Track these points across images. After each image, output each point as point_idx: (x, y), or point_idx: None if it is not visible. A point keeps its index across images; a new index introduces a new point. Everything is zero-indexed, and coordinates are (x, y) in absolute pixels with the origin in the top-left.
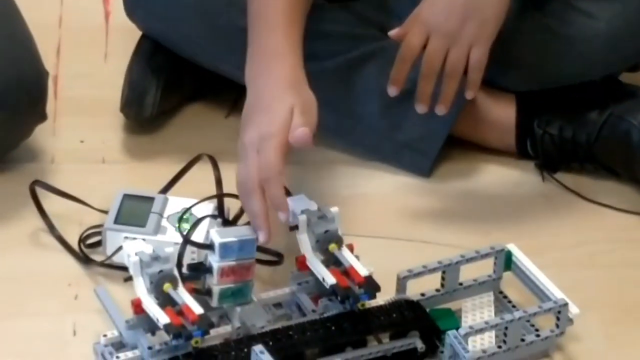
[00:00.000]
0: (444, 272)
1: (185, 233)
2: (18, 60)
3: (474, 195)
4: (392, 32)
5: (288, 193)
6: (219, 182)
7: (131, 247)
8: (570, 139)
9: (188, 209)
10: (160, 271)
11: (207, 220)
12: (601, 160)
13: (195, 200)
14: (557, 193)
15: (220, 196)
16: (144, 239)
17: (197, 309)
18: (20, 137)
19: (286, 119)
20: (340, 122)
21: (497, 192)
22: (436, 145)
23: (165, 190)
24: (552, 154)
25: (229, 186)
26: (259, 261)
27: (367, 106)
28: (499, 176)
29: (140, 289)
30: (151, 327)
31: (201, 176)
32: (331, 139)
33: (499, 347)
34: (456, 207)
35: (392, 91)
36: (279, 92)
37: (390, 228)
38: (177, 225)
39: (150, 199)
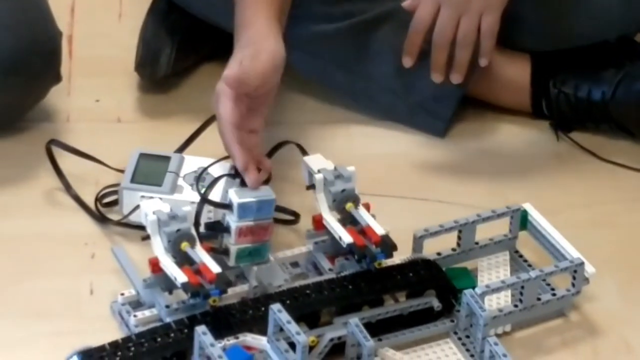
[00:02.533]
0: (460, 232)
1: (202, 192)
2: (31, 21)
3: (489, 155)
4: (405, 4)
5: (304, 152)
6: None
7: (148, 206)
8: (585, 98)
9: (205, 169)
10: (178, 230)
11: (224, 179)
12: (616, 120)
13: (212, 160)
14: (572, 153)
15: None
16: (160, 198)
17: (215, 268)
18: (35, 98)
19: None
20: (354, 83)
21: (512, 152)
22: (450, 107)
23: (181, 149)
24: (566, 113)
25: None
26: (276, 220)
27: (381, 67)
28: (514, 136)
29: (158, 247)
30: (168, 286)
31: (217, 136)
32: (346, 100)
33: (515, 306)
34: (471, 167)
35: (407, 62)
36: (241, 43)
37: (406, 188)
38: (194, 184)
39: (166, 158)
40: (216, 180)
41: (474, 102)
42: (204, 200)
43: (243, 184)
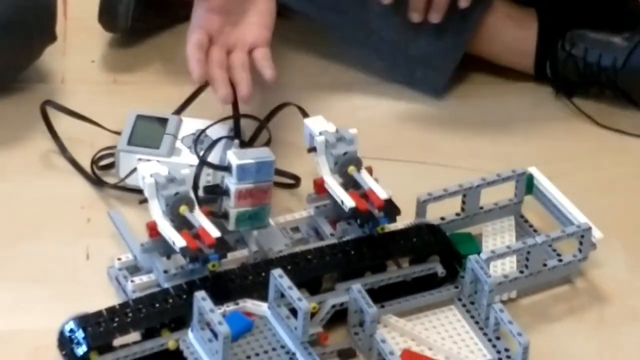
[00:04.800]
0: (464, 196)
1: (201, 154)
2: None
3: (493, 120)
4: None
5: (305, 114)
6: (234, 103)
7: (146, 168)
8: (595, 63)
9: (203, 131)
10: (176, 193)
11: (223, 141)
12: (623, 88)
13: (210, 122)
14: (576, 118)
15: (236, 117)
16: (158, 161)
17: (214, 232)
18: (30, 58)
19: None
20: (355, 34)
21: (516, 116)
22: (451, 63)
23: (179, 111)
24: (571, 77)
25: (244, 107)
26: (276, 184)
27: (383, 19)
28: (518, 101)
29: (156, 211)
30: (167, 250)
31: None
32: (347, 61)
33: (521, 272)
34: (476, 131)
35: (415, 17)
36: None
37: (409, 151)
38: (192, 146)
39: (164, 120)
40: (215, 142)
41: (476, 65)
42: (203, 162)
43: (243, 145)
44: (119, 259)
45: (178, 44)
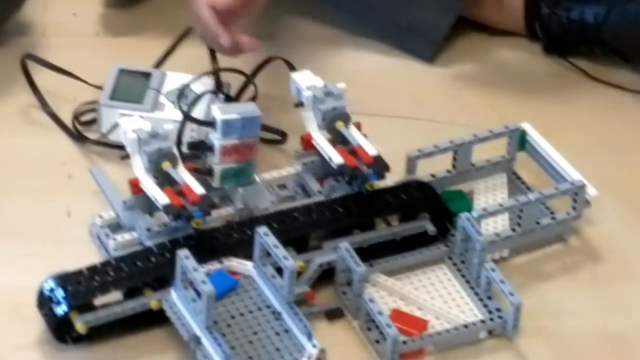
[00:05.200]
0: (455, 152)
1: (185, 109)
2: None
3: (484, 75)
4: None
5: (292, 68)
6: (213, 56)
7: (128, 123)
8: (578, 20)
9: (187, 85)
10: (159, 149)
11: (208, 96)
12: (610, 44)
13: (194, 76)
14: (568, 75)
15: (219, 70)
16: (141, 116)
17: (198, 189)
18: (9, 10)
19: None
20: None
21: (508, 73)
22: (440, 31)
23: (158, 64)
24: (560, 36)
25: (229, 60)
26: (262, 140)
27: None
28: (510, 58)
29: (138, 167)
30: (149, 208)
31: (201, 51)
32: (337, 13)
33: (513, 230)
34: (467, 86)
35: None
36: None
37: (399, 107)
38: (176, 101)
39: (147, 75)
40: (199, 96)
41: (468, 26)
42: (187, 117)
43: (227, 100)
44: (101, 217)
45: None
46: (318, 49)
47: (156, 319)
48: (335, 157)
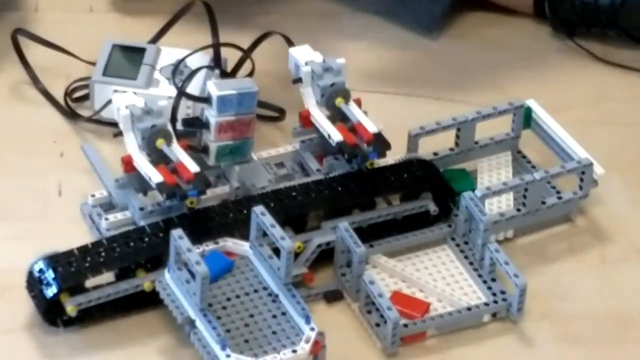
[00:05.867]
0: (458, 130)
1: (179, 85)
2: None
3: (488, 52)
4: None
5: (290, 43)
6: (214, 30)
7: (121, 100)
8: (592, 3)
9: (182, 60)
10: (153, 126)
11: (203, 71)
12: (624, 27)
13: (190, 51)
14: (576, 53)
15: (216, 45)
16: (134, 92)
17: (193, 167)
18: None
19: None
20: None
21: (512, 51)
22: (442, 3)
23: (155, 39)
24: (569, 17)
25: (226, 35)
26: (259, 117)
27: None
28: (514, 36)
29: (131, 145)
30: (143, 186)
31: (196, 25)
32: None
33: (518, 210)
34: (470, 63)
35: None
36: None
37: (400, 84)
38: (170, 77)
39: (141, 50)
40: (194, 72)
41: (472, 3)
42: (181, 93)
43: (223, 75)
44: (93, 195)
45: None
46: (317, 25)
47: (149, 301)
48: (335, 134)
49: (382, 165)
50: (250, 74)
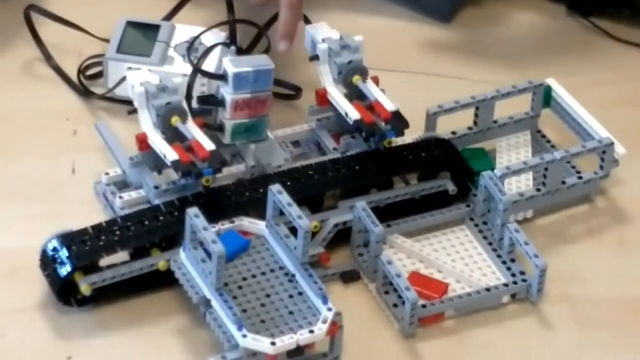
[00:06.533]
0: (477, 109)
1: (195, 62)
2: None
3: (506, 32)
4: None
5: (307, 21)
6: (230, 7)
7: (135, 77)
8: None
9: (197, 37)
10: (168, 103)
11: (219, 48)
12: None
13: (204, 28)
14: (592, 34)
15: (232, 22)
16: (149, 70)
17: (208, 145)
18: None
19: None
20: None
21: (529, 34)
22: None
23: (169, 16)
24: None
25: (241, 11)
26: (275, 95)
27: None
28: (531, 19)
29: (146, 122)
30: (157, 164)
31: (211, 2)
32: None
33: (538, 190)
34: (488, 42)
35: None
36: None
37: (418, 62)
38: (185, 54)
39: (155, 27)
40: (210, 49)
41: None
42: (197, 70)
43: (240, 53)
44: (107, 174)
45: None
46: (333, 3)
47: (164, 280)
48: (352, 113)
49: (400, 144)
50: (266, 51)
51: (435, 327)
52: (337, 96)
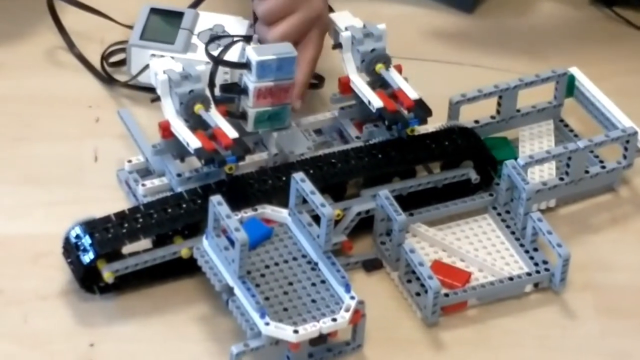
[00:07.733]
0: (500, 97)
1: (218, 50)
2: None
3: (529, 21)
4: None
5: (330, 9)
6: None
7: (159, 64)
8: None
9: (218, 36)
10: (191, 91)
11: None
12: None
13: (229, 16)
14: (614, 25)
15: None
16: (172, 57)
17: (231, 133)
18: None
19: None
20: None
21: (552, 20)
22: None
23: (195, 4)
24: None
25: None
26: None
27: None
28: (553, 9)
29: (169, 110)
30: (180, 152)
31: None
32: None
33: (561, 179)
34: (511, 32)
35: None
36: None
37: (440, 51)
38: (205, 49)
39: (179, 14)
40: (230, 44)
41: None
42: (219, 62)
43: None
44: (129, 161)
45: None
46: None
47: (186, 268)
48: (375, 101)
49: (423, 132)
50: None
51: (458, 315)
52: (360, 84)
